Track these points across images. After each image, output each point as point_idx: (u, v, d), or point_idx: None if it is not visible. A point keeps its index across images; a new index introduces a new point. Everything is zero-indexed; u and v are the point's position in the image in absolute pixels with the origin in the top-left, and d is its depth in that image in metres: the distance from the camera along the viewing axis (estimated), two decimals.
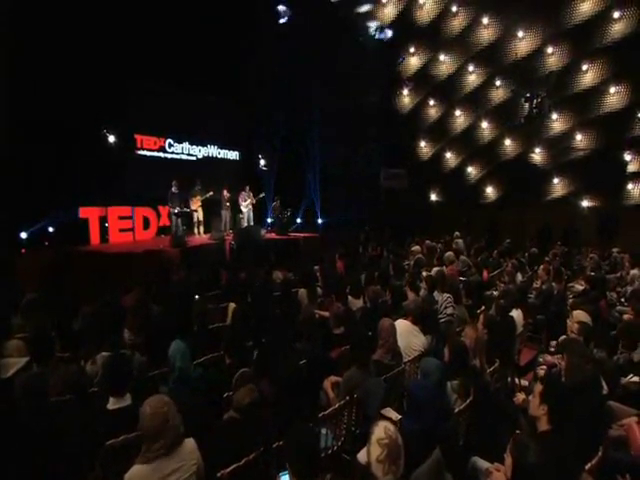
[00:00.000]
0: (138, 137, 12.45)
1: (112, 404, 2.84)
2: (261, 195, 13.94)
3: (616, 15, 13.42)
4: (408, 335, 4.30)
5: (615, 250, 11.58)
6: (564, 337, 5.33)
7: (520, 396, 3.66)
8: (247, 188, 13.32)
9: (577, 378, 2.99)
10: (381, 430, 2.24)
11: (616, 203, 14.46)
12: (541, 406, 2.57)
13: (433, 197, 18.33)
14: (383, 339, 3.92)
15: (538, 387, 2.65)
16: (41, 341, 3.31)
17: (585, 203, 15.04)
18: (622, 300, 7.64)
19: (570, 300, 7.78)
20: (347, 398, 3.51)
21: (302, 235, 13.78)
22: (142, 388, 3.19)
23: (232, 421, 2.74)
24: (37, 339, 3.35)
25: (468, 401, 3.43)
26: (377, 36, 16.36)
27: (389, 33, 16.40)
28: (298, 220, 15.72)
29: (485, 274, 8.86)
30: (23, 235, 9.30)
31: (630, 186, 14.32)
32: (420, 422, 2.47)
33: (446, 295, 5.51)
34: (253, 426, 2.68)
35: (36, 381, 2.75)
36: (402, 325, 4.23)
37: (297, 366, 3.77)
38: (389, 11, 16.27)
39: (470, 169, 17.23)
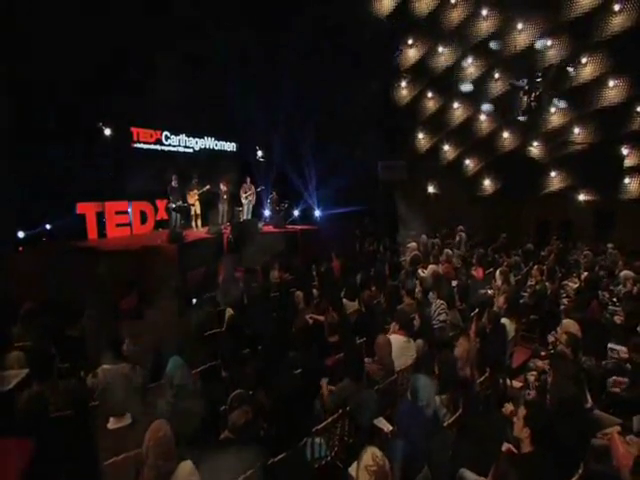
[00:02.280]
0: (134, 130, 12.37)
1: (112, 424, 2.93)
2: (259, 189, 13.89)
3: (616, 8, 13.28)
4: (401, 351, 4.39)
5: (610, 246, 11.67)
6: (553, 339, 5.50)
7: (509, 407, 3.77)
8: (248, 180, 13.26)
9: (561, 396, 3.09)
10: (369, 457, 2.31)
11: (613, 197, 14.50)
12: (524, 429, 2.68)
13: (431, 189, 18.34)
14: (379, 356, 4.02)
15: (522, 411, 2.75)
16: (41, 358, 3.36)
17: (582, 197, 15.09)
18: (614, 300, 7.75)
19: (563, 300, 7.96)
20: (340, 411, 3.62)
21: (300, 228, 13.78)
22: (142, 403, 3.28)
23: (228, 441, 2.84)
24: (36, 356, 3.40)
25: (457, 414, 3.54)
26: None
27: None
28: (296, 213, 15.72)
29: (480, 272, 8.95)
30: (20, 234, 9.27)
31: (627, 180, 14.35)
32: (409, 447, 2.56)
33: (439, 302, 5.60)
34: (248, 446, 2.78)
35: (36, 402, 2.81)
36: (395, 342, 4.31)
37: (293, 378, 3.87)
38: (387, 2, 16.04)
39: (468, 162, 17.22)
